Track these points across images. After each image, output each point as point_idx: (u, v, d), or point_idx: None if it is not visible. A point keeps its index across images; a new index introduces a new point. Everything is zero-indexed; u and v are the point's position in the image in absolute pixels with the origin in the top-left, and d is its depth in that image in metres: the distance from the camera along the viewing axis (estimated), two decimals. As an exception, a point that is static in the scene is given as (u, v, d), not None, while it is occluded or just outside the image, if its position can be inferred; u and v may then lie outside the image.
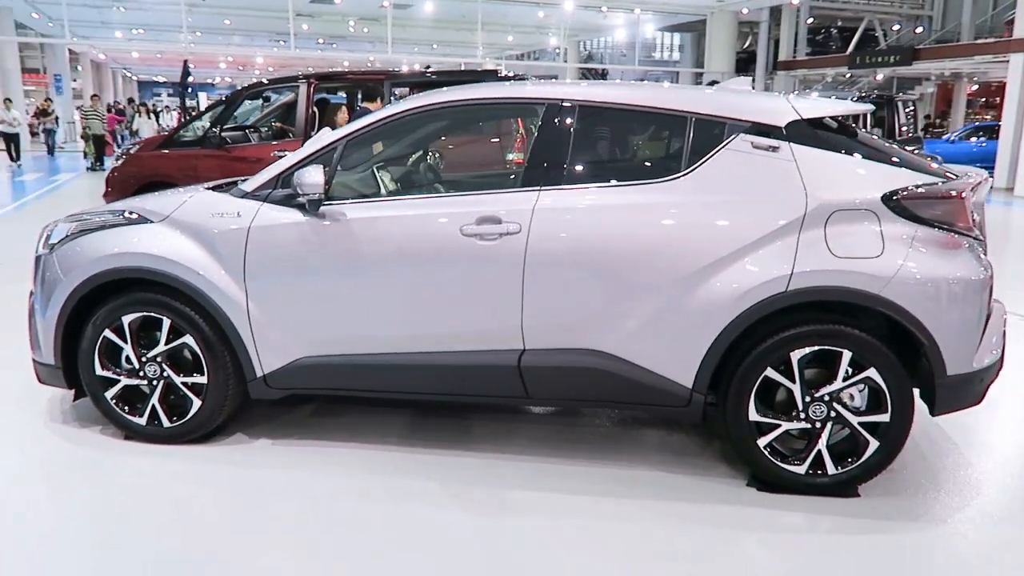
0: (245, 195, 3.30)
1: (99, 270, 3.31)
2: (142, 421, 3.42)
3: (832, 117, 3.41)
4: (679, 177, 3.06)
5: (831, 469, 3.05)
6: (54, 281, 3.39)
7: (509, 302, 3.09)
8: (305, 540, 2.76)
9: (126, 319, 3.34)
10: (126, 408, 3.44)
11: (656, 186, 3.07)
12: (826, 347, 2.97)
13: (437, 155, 3.89)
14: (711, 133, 3.10)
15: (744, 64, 29.72)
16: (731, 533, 2.85)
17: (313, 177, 3.06)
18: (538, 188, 3.11)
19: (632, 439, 3.60)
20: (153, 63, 40.97)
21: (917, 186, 2.97)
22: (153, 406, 3.40)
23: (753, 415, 3.04)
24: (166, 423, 3.41)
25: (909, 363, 3.03)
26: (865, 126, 11.07)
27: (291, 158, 3.32)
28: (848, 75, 24.91)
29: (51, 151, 21.24)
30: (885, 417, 3.00)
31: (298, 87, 7.64)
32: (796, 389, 3.01)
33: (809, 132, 3.06)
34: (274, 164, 3.36)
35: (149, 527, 2.83)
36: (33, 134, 23.88)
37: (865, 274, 2.89)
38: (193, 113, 14.36)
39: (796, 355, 2.98)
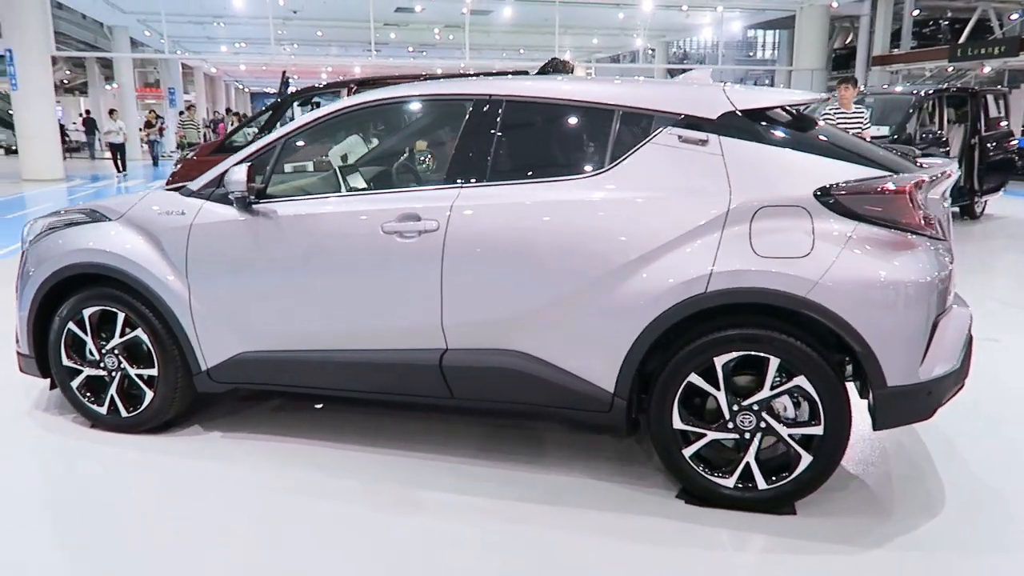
0: (191, 194, 3.41)
1: (60, 266, 3.50)
2: (103, 410, 3.59)
3: (791, 108, 3.21)
4: (602, 173, 2.94)
5: (761, 483, 2.85)
6: (27, 276, 3.61)
7: (429, 301, 3.05)
8: (213, 528, 2.83)
9: (86, 312, 3.51)
10: (90, 397, 3.61)
11: (578, 182, 2.96)
12: (752, 353, 2.78)
13: (370, 153, 3.89)
14: (638, 127, 2.97)
15: (845, 60, 28.35)
16: (649, 549, 2.70)
17: (238, 175, 3.13)
18: (460, 185, 3.06)
19: (568, 443, 3.48)
20: (261, 75, 43.06)
21: (853, 181, 2.74)
22: (112, 396, 3.56)
23: (678, 423, 2.89)
24: (124, 413, 3.56)
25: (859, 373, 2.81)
26: (937, 119, 10.35)
27: (234, 157, 3.40)
28: (951, 68, 23.28)
29: (155, 161, 22.62)
30: (818, 430, 2.78)
31: (340, 92, 7.86)
32: (721, 397, 2.84)
33: (743, 124, 2.88)
34: (222, 163, 3.46)
35: (83, 511, 2.97)
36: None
37: (789, 275, 2.69)
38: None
39: (720, 361, 2.80)
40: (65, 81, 41.43)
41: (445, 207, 3.02)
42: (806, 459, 2.81)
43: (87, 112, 29.98)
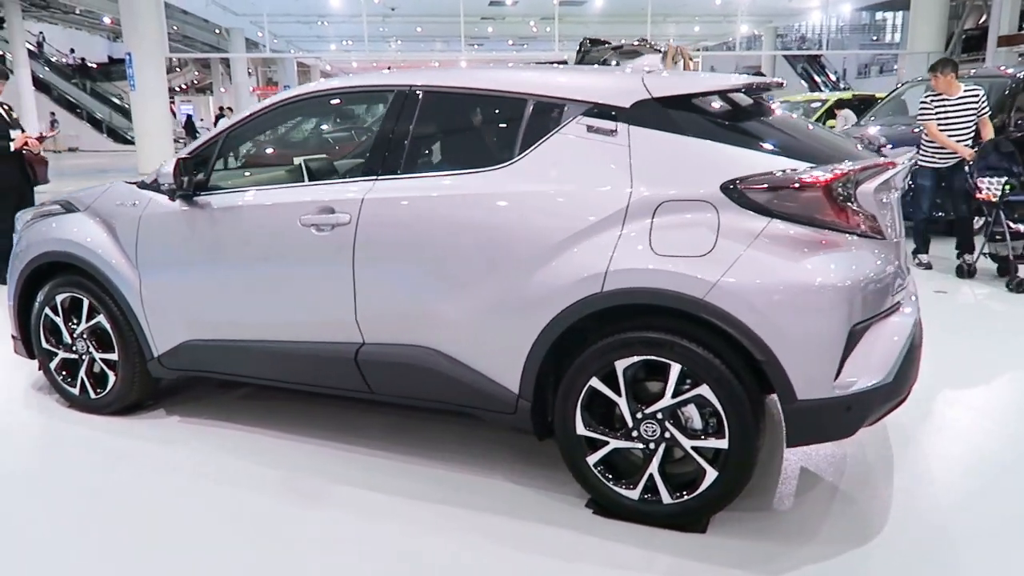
0: (145, 186, 3.54)
1: (35, 255, 3.73)
2: (76, 391, 3.80)
3: (749, 93, 2.97)
4: (508, 165, 2.82)
5: (665, 497, 2.67)
6: (12, 264, 3.86)
7: (343, 294, 3.04)
8: (122, 506, 2.94)
9: (59, 298, 3.72)
10: (66, 378, 3.83)
11: (484, 175, 2.85)
12: (654, 358, 2.59)
13: (303, 145, 3.90)
14: (550, 116, 2.82)
15: (976, 42, 26.17)
16: (542, 561, 2.56)
17: (166, 168, 3.22)
18: (374, 177, 3.02)
19: (498, 441, 3.36)
20: (371, 72, 44.45)
21: (764, 174, 2.50)
22: (82, 378, 3.76)
23: (581, 429, 2.74)
24: (92, 395, 3.76)
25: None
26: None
27: (183, 150, 3.50)
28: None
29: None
30: (723, 443, 2.56)
31: None
32: (623, 403, 2.67)
33: (656, 113, 2.68)
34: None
35: (29, 485, 3.15)
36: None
37: (684, 275, 2.49)
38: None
39: (621, 365, 2.63)
40: (195, 82, 44.34)
41: (357, 200, 2.99)
42: (711, 474, 2.60)
43: (220, 110, 31.95)
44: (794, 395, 2.45)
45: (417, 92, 3.05)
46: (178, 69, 36.51)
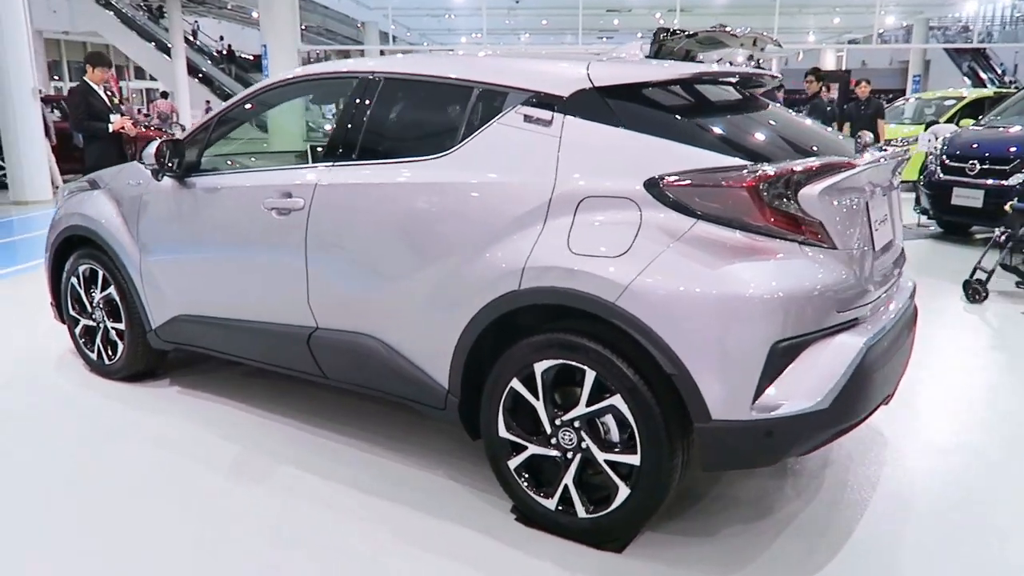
0: (150, 166, 3.73)
1: (62, 227, 4.02)
2: (94, 356, 4.07)
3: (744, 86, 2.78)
4: (447, 154, 2.75)
5: (580, 511, 2.52)
6: (48, 235, 4.18)
7: (297, 278, 3.07)
8: (76, 466, 3.13)
9: (80, 269, 4.00)
10: (87, 343, 4.11)
11: (424, 163, 2.79)
12: (570, 363, 2.45)
13: (295, 129, 3.93)
14: (492, 105, 2.72)
15: None
16: (447, 566, 2.46)
17: (149, 150, 3.37)
18: (330, 163, 3.03)
19: (455, 437, 3.22)
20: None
21: (688, 171, 2.29)
22: (98, 345, 4.03)
23: (503, 431, 2.64)
24: (105, 361, 4.01)
25: None
26: None
27: (185, 133, 3.65)
28: None
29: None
30: (634, 459, 2.38)
31: None
32: (540, 408, 2.54)
33: (594, 103, 2.52)
34: (179, 139, 3.73)
35: (28, 438, 3.41)
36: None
37: (597, 276, 2.33)
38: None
39: (540, 367, 2.51)
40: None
41: (311, 185, 3.01)
42: (624, 491, 2.42)
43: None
44: (708, 414, 2.24)
45: (377, 79, 3.03)
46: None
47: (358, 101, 3.05)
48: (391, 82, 3.02)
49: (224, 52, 31.76)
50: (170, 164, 3.39)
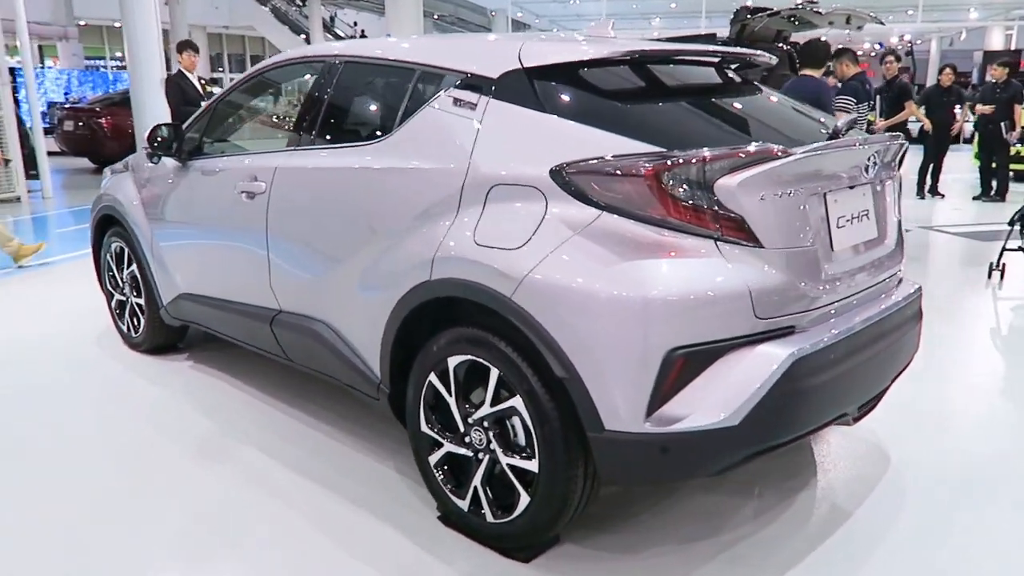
0: (144, 149, 3.88)
1: (98, 208, 4.29)
2: (125, 329, 4.33)
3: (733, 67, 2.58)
4: (383, 139, 2.68)
5: (488, 515, 2.39)
6: (91, 215, 4.47)
7: (261, 261, 3.12)
8: (66, 422, 3.35)
9: (113, 246, 4.25)
10: (119, 315, 4.37)
11: (363, 149, 2.74)
12: (478, 360, 2.33)
13: (264, 115, 3.92)
14: (430, 87, 2.62)
15: None
16: (346, 564, 2.39)
17: (146, 134, 3.51)
18: (292, 148, 3.04)
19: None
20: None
21: (591, 159, 2.10)
22: (127, 318, 4.28)
23: (424, 426, 2.55)
24: (132, 334, 4.26)
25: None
26: None
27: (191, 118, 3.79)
28: None
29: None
30: (532, 465, 2.23)
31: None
32: (452, 405, 2.43)
33: (519, 85, 2.37)
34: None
35: (45, 395, 3.70)
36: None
37: (495, 269, 2.19)
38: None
39: (453, 362, 2.40)
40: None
41: (272, 169, 3.04)
42: (525, 498, 2.28)
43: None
44: (600, 424, 2.05)
45: (338, 63, 3.00)
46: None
47: (320, 85, 3.04)
48: (349, 66, 2.98)
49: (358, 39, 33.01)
50: (162, 148, 3.52)
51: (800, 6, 6.48)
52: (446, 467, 2.52)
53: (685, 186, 2.02)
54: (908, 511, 2.65)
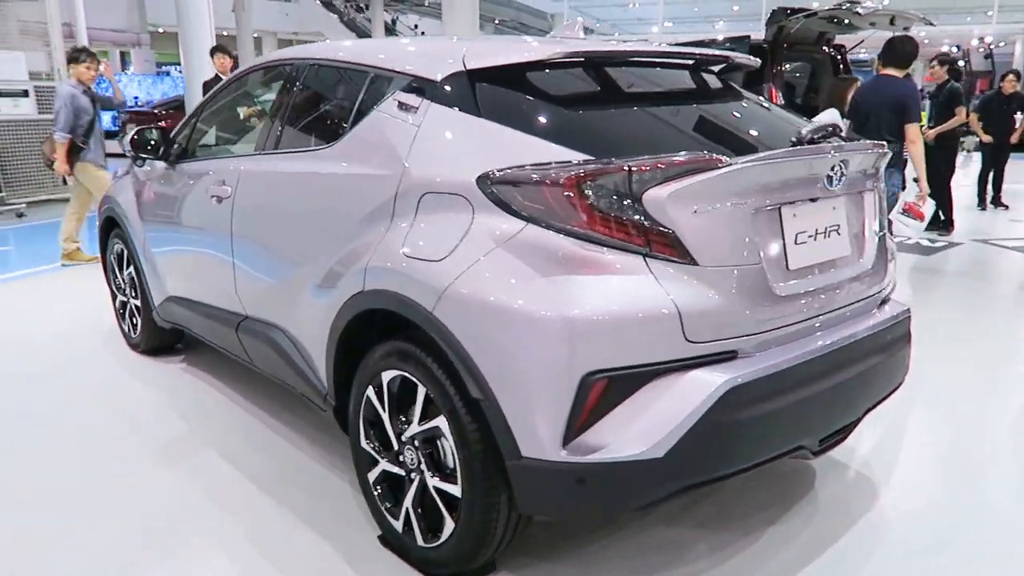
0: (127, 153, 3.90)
1: (101, 210, 4.35)
2: (126, 329, 4.39)
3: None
4: (332, 144, 2.61)
5: (418, 538, 2.28)
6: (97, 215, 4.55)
7: (227, 265, 3.09)
8: (48, 412, 3.38)
9: (115, 247, 4.31)
10: (121, 315, 4.43)
11: (315, 154, 2.68)
12: (407, 375, 2.22)
13: (242, 119, 3.86)
14: (380, 91, 2.54)
15: None
16: None
17: (127, 138, 3.53)
18: (257, 152, 3.01)
19: None
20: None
21: (514, 167, 1.97)
22: (127, 319, 4.33)
23: (363, 441, 2.46)
24: (132, 335, 4.31)
25: None
26: None
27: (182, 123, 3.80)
28: None
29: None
30: (456, 490, 2.11)
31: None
32: (386, 421, 2.34)
33: (463, 88, 2.26)
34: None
35: (38, 388, 3.77)
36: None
37: (418, 281, 2.09)
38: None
39: (386, 377, 2.31)
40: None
41: (237, 173, 3.01)
42: (449, 524, 2.16)
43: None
44: (517, 450, 1.92)
45: (303, 67, 2.95)
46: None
47: (285, 88, 3.00)
48: (311, 69, 2.93)
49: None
50: (142, 151, 3.54)
51: (839, 6, 6.16)
52: (383, 485, 2.43)
53: (609, 197, 1.87)
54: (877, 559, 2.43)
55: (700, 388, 1.87)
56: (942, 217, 7.73)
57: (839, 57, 7.36)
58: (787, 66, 8.10)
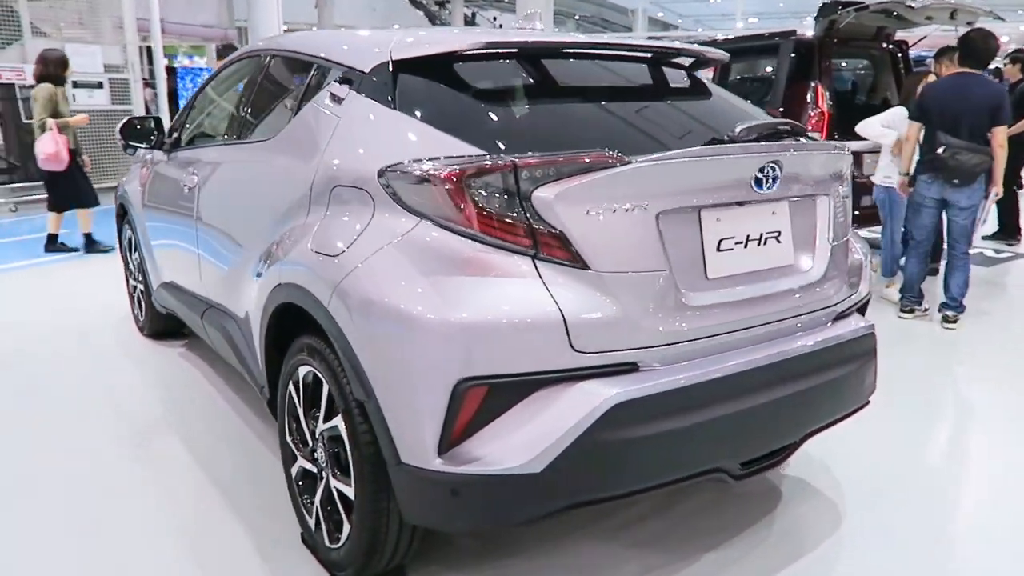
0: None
1: (118, 196, 4.49)
2: (135, 312, 4.53)
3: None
4: (273, 137, 2.59)
5: (325, 538, 2.24)
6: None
7: (194, 253, 3.13)
8: (40, 387, 3.48)
9: (126, 235, 4.44)
10: (134, 301, 4.57)
11: (259, 145, 2.68)
12: (316, 371, 2.18)
13: (221, 109, 3.85)
14: (320, 81, 2.50)
15: None
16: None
17: (120, 125, 3.61)
18: (222, 142, 3.03)
19: None
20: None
21: (408, 161, 1.89)
22: (136, 303, 4.47)
23: (287, 435, 2.44)
24: (140, 317, 4.44)
25: None
26: None
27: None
28: None
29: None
30: (350, 490, 2.06)
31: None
32: (301, 417, 2.30)
33: (386, 79, 2.18)
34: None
35: (37, 366, 3.93)
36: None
37: (317, 275, 2.05)
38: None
39: (302, 373, 2.27)
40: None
41: (201, 163, 3.04)
42: (347, 526, 2.11)
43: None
44: (397, 456, 1.85)
45: (264, 57, 2.96)
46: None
47: (250, 79, 3.02)
48: (271, 60, 2.93)
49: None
50: (132, 138, 3.62)
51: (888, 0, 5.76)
52: (302, 482, 2.39)
53: (495, 195, 1.77)
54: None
55: (584, 402, 1.75)
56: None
57: (900, 54, 6.91)
58: (843, 63, 7.68)
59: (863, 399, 2.34)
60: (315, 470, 2.27)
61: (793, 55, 6.37)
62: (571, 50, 2.34)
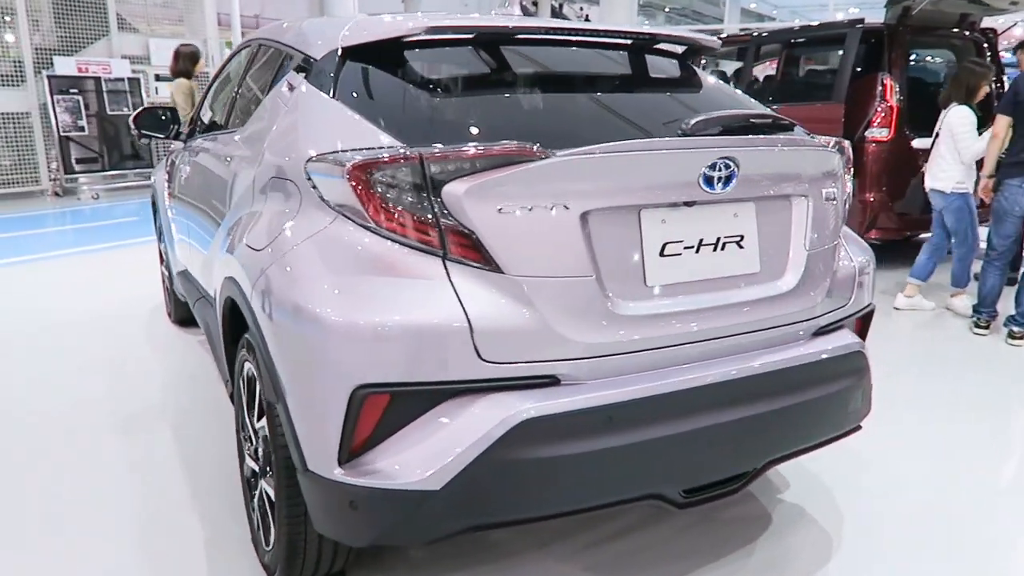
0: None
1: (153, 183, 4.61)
2: (165, 297, 4.64)
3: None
4: (243, 127, 2.55)
5: (262, 540, 2.18)
6: (155, 193, 4.82)
7: (186, 237, 3.15)
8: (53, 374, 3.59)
9: (158, 223, 4.55)
10: (164, 286, 4.68)
11: (230, 135, 2.64)
12: (253, 366, 2.11)
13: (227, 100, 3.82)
14: (284, 70, 2.44)
15: None
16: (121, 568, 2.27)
17: (133, 115, 3.67)
18: (216, 132, 3.02)
19: None
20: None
21: (324, 153, 1.80)
22: (166, 290, 4.58)
23: (240, 433, 2.39)
24: (168, 303, 4.55)
25: None
26: None
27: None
28: None
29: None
30: (271, 490, 1.98)
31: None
32: (244, 414, 2.25)
33: (333, 67, 2.09)
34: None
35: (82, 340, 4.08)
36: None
37: (243, 269, 1.99)
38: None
39: (246, 369, 2.21)
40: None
41: (199, 153, 3.06)
42: (273, 530, 2.04)
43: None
44: (304, 462, 1.76)
45: (255, 46, 2.94)
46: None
47: (243, 69, 2.99)
48: (260, 48, 2.89)
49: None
50: (144, 128, 3.68)
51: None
52: (250, 480, 2.34)
53: (402, 190, 1.65)
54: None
55: (489, 417, 1.61)
56: None
57: (986, 44, 6.35)
58: (920, 54, 7.14)
59: (850, 423, 2.10)
60: (256, 469, 2.22)
61: (861, 45, 5.94)
62: (526, 36, 2.18)
